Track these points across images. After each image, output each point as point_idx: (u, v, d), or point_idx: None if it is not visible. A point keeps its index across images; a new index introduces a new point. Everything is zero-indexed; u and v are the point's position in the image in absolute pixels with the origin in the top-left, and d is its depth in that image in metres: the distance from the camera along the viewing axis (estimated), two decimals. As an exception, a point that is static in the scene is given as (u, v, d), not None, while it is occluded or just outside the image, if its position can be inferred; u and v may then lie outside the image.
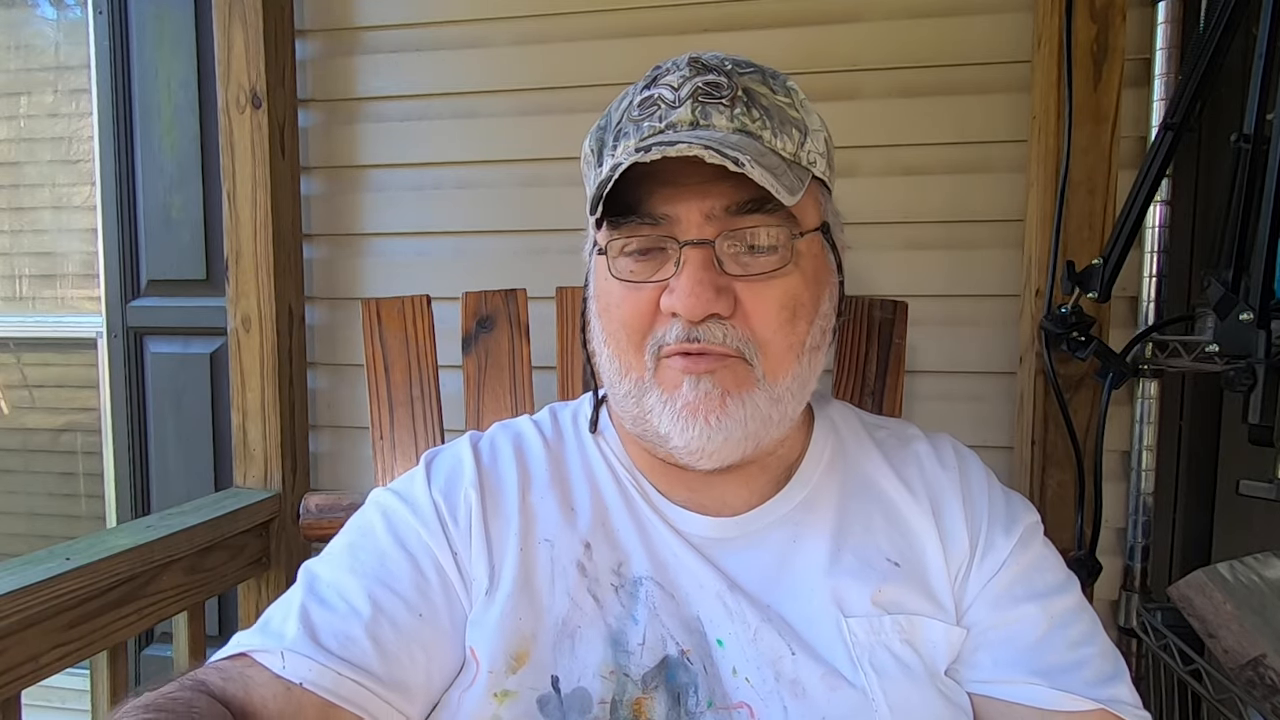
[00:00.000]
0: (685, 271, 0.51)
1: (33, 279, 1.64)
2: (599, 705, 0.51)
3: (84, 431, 1.62)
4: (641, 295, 0.54)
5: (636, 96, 0.56)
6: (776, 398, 0.54)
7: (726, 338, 0.52)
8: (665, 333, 0.53)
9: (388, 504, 0.61)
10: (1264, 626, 0.78)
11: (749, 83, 0.55)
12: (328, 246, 1.32)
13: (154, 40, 1.42)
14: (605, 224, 0.54)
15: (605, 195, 0.51)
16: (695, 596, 0.55)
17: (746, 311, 0.52)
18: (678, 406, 0.53)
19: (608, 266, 0.55)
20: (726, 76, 0.54)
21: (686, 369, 0.52)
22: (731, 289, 0.52)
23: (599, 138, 0.59)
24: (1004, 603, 0.57)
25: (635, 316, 0.54)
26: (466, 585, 0.57)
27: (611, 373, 0.57)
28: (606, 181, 0.50)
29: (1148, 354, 1.01)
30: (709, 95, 0.53)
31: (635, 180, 0.52)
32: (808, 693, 0.52)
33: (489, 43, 1.24)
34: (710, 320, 0.51)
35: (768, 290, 0.52)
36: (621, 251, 0.54)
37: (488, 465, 0.63)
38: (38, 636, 0.84)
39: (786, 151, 0.54)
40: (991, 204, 1.12)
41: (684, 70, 0.55)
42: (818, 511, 0.60)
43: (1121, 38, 1.01)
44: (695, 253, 0.51)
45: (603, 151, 0.57)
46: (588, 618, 0.54)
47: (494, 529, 0.58)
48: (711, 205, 0.52)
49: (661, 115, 0.54)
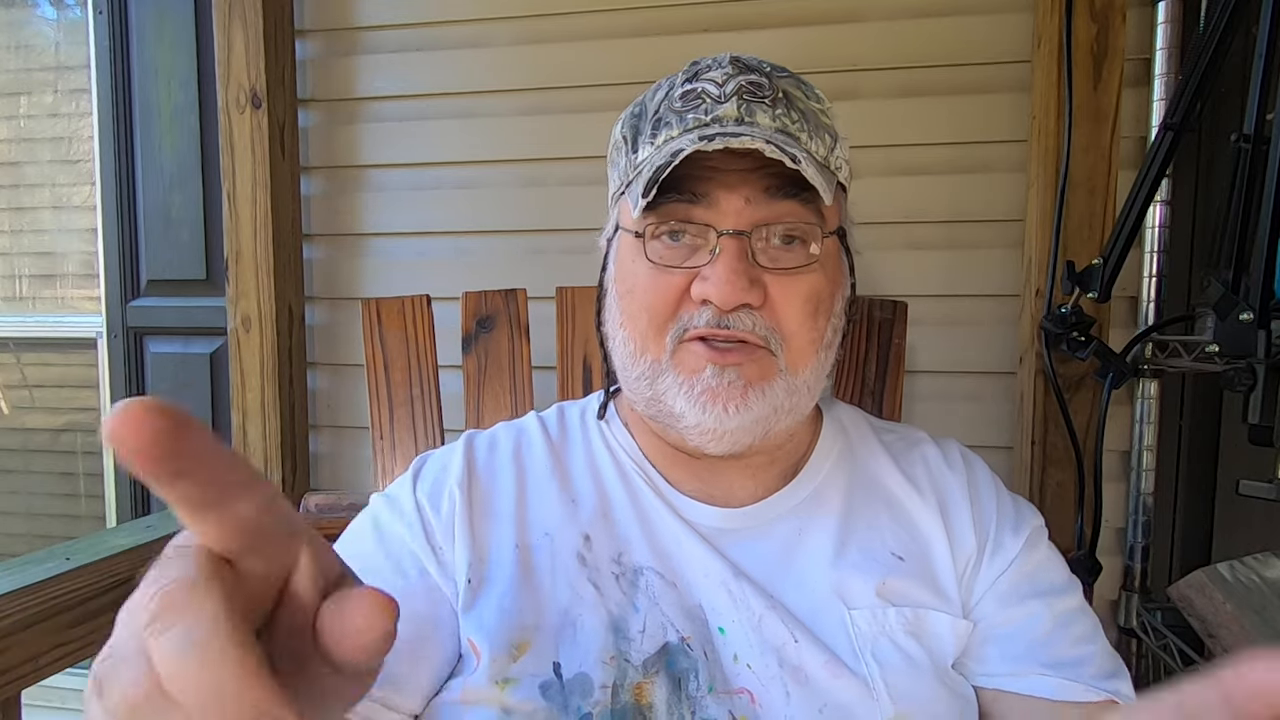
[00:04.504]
0: (721, 260, 0.52)
1: (33, 279, 1.64)
2: (600, 690, 0.52)
3: (84, 431, 1.62)
4: (672, 280, 0.55)
5: (677, 89, 0.57)
6: (794, 389, 0.55)
7: (755, 326, 0.53)
8: (692, 318, 0.54)
9: (376, 509, 0.63)
10: (1264, 626, 0.78)
11: (787, 86, 0.57)
12: (328, 246, 1.32)
13: (154, 40, 1.42)
14: (645, 207, 0.55)
15: (660, 179, 0.52)
16: (699, 585, 0.56)
17: (775, 304, 0.54)
18: (696, 391, 0.54)
19: (641, 248, 0.56)
20: (767, 78, 0.56)
21: (713, 359, 0.53)
22: (762, 281, 0.53)
23: (634, 125, 0.59)
24: (1011, 600, 0.58)
25: (663, 300, 0.55)
26: (450, 580, 0.57)
27: (625, 355, 0.58)
28: (665, 166, 0.51)
29: (1148, 354, 1.01)
30: (753, 94, 0.55)
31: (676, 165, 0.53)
32: (810, 679, 0.52)
33: (489, 43, 1.24)
34: (741, 310, 0.53)
35: (795, 285, 0.54)
36: (654, 234, 0.56)
37: (483, 463, 0.63)
38: (38, 636, 0.84)
39: (819, 155, 0.56)
40: (991, 204, 1.12)
41: (726, 68, 0.56)
42: (824, 506, 0.60)
43: (1121, 38, 1.01)
44: (731, 242, 0.53)
45: (638, 139, 0.58)
46: (589, 605, 0.55)
47: (481, 524, 0.59)
48: (750, 189, 0.53)
49: (707, 109, 0.55)
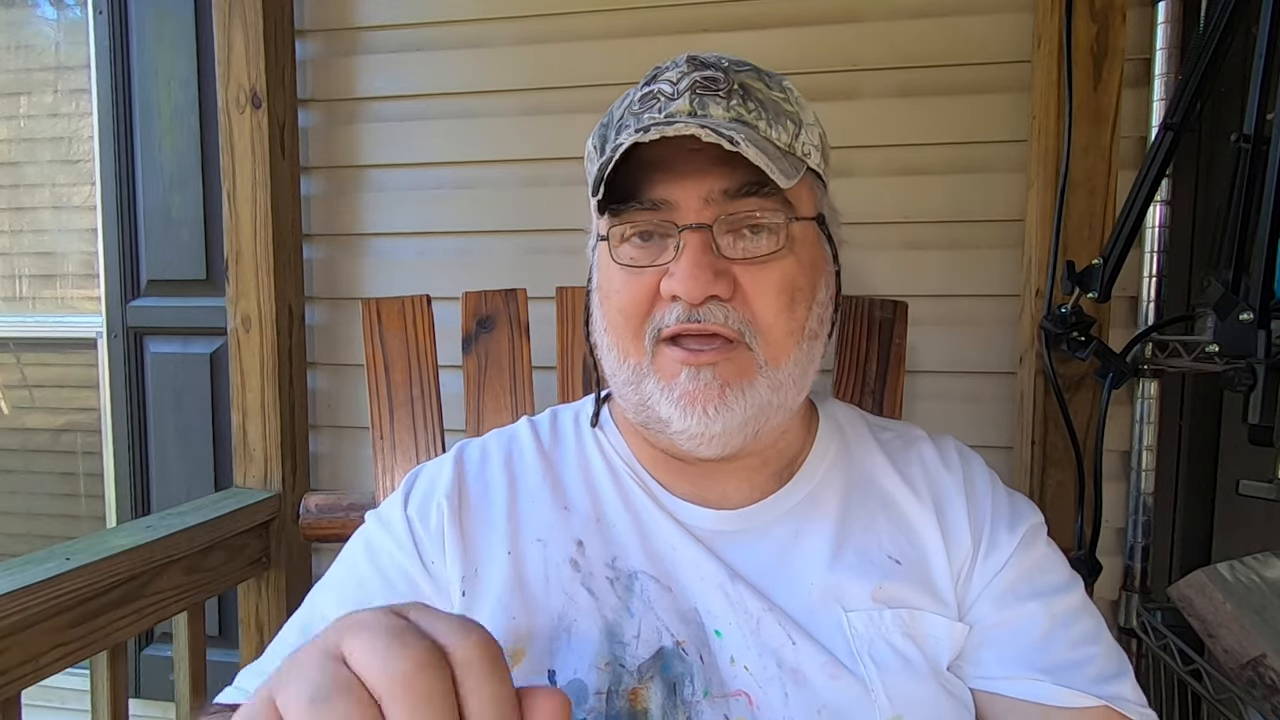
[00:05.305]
0: (685, 254, 0.52)
1: (33, 279, 1.64)
2: (595, 696, 0.52)
3: (84, 431, 1.62)
4: (642, 280, 0.55)
5: (637, 94, 0.58)
6: (777, 384, 0.55)
7: (728, 319, 0.53)
8: (665, 315, 0.54)
9: (369, 529, 0.63)
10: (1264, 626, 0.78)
11: (745, 79, 0.56)
12: (328, 246, 1.32)
13: (154, 40, 1.42)
14: (606, 212, 0.55)
15: (606, 178, 0.52)
16: (695, 588, 0.56)
17: (746, 295, 0.53)
18: (676, 395, 0.53)
19: (609, 253, 0.56)
20: (723, 73, 0.55)
21: (686, 360, 0.53)
22: (730, 272, 0.53)
23: (601, 134, 0.60)
24: (1007, 600, 0.57)
25: (635, 301, 0.55)
26: (444, 593, 0.58)
27: (611, 361, 0.58)
28: (607, 163, 0.51)
29: (1148, 354, 1.01)
30: (706, 88, 0.55)
31: (635, 168, 0.53)
32: (808, 680, 0.52)
33: (489, 43, 1.24)
34: (710, 302, 0.52)
35: (765, 274, 0.53)
36: (622, 238, 0.56)
37: (473, 473, 0.64)
38: (38, 636, 0.84)
39: (781, 141, 0.55)
40: (991, 204, 1.12)
41: (682, 66, 0.56)
42: (821, 508, 0.60)
43: (1121, 38, 1.01)
44: (694, 236, 0.52)
45: (604, 146, 0.59)
46: (583, 611, 0.55)
47: (471, 533, 0.59)
48: (710, 189, 0.53)
49: (660, 107, 0.55)
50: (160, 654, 1.50)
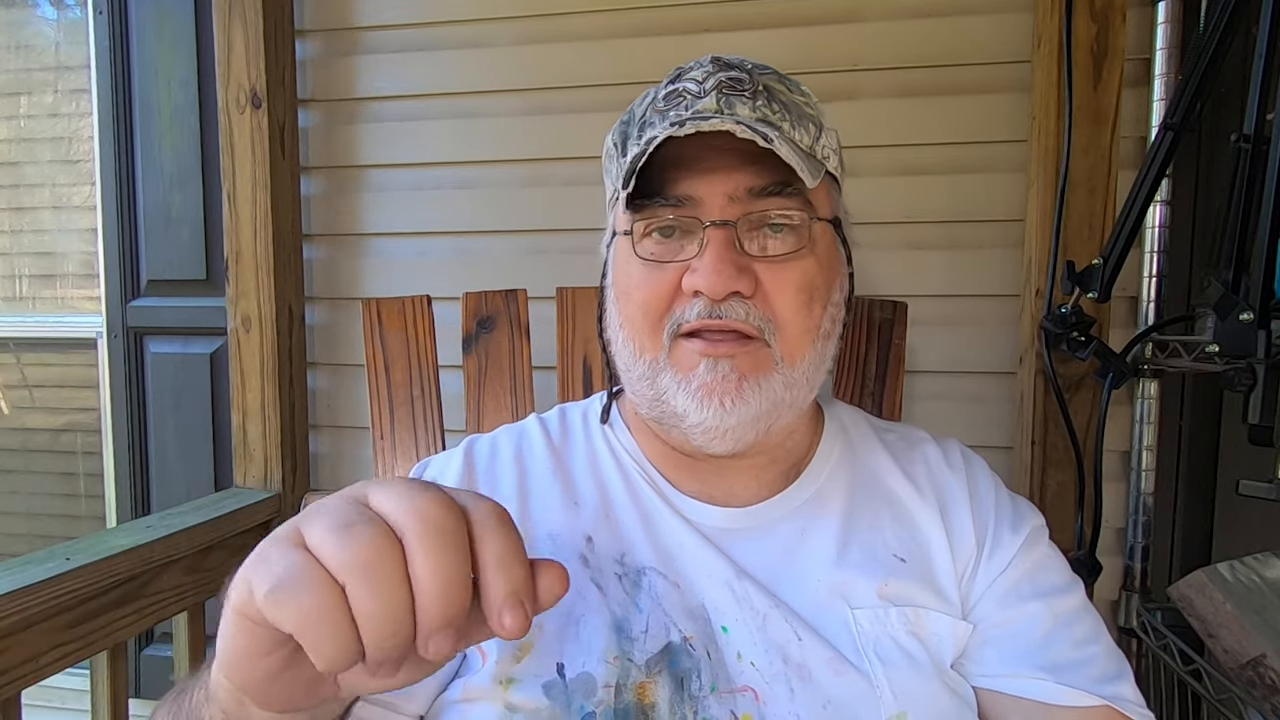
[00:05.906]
0: (709, 250, 0.53)
1: (33, 279, 1.64)
2: (603, 689, 0.52)
3: (84, 431, 1.62)
4: (664, 275, 0.55)
5: (661, 92, 0.58)
6: (791, 381, 0.55)
7: (749, 315, 0.53)
8: (685, 311, 0.54)
9: None
10: (1264, 626, 0.78)
11: (768, 81, 0.57)
12: (328, 246, 1.32)
13: (154, 40, 1.42)
14: (630, 207, 0.56)
15: (638, 170, 0.52)
16: (702, 585, 0.56)
17: (766, 292, 0.54)
18: (693, 387, 0.54)
19: (631, 248, 0.56)
20: (748, 74, 0.57)
21: (705, 351, 0.54)
22: (752, 269, 0.54)
23: (622, 132, 0.60)
24: (1010, 600, 0.58)
25: (656, 296, 0.55)
26: None
27: (626, 356, 0.59)
28: (640, 155, 0.52)
29: (1148, 354, 1.01)
30: (731, 88, 0.56)
31: (661, 165, 0.54)
32: (814, 676, 0.53)
33: (489, 43, 1.24)
34: (732, 298, 0.53)
35: (786, 272, 0.54)
36: (645, 233, 0.56)
37: (483, 467, 0.64)
38: (38, 636, 0.84)
39: (804, 144, 0.56)
40: (991, 204, 1.13)
41: (707, 66, 0.57)
42: (826, 507, 0.61)
43: (1121, 38, 1.01)
44: (718, 233, 0.53)
45: (626, 144, 0.59)
46: (592, 606, 0.55)
47: None
48: (735, 187, 0.54)
49: (687, 105, 0.56)
50: (160, 654, 1.50)
